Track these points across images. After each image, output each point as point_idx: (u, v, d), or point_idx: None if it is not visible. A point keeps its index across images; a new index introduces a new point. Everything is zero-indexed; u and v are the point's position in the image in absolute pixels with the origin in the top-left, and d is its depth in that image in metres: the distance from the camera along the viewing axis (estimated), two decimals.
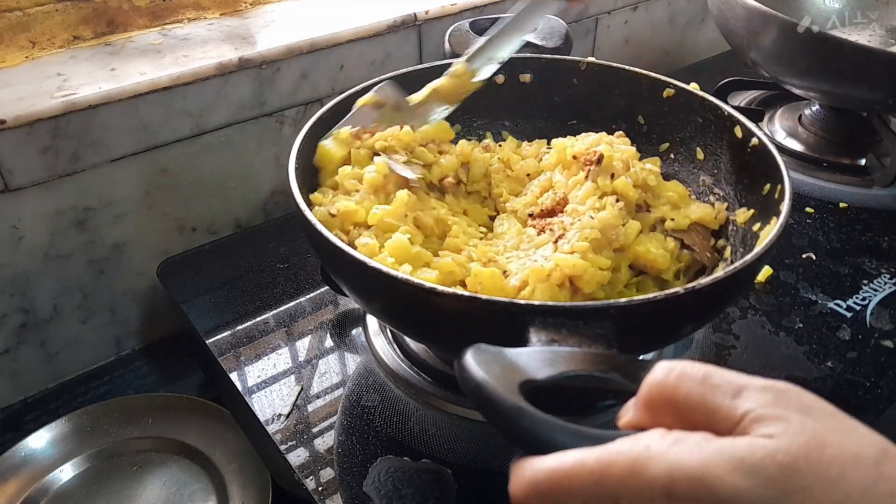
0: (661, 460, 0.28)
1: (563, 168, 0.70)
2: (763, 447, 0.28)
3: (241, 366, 0.70)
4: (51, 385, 0.84)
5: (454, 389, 0.64)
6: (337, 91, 0.90)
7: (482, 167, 0.73)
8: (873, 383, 0.66)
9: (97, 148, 0.76)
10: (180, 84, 0.79)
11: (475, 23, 0.84)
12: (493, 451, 0.60)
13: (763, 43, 0.91)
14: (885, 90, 0.85)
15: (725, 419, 0.30)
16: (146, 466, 0.74)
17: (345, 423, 0.64)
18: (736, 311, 0.74)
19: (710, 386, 0.31)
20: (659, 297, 0.45)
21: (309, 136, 0.65)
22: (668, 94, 0.75)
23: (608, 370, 0.37)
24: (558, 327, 0.42)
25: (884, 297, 0.75)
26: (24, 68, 0.79)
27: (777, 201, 0.59)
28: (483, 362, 0.34)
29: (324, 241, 0.53)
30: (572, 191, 0.67)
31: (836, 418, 0.30)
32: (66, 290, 0.80)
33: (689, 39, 1.37)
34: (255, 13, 0.95)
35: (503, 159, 0.74)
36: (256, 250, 0.84)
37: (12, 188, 0.73)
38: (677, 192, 0.68)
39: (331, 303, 0.77)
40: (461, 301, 0.46)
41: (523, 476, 0.31)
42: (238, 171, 0.88)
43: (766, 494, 0.27)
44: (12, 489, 0.71)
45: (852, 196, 0.92)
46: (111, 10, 0.85)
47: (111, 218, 0.80)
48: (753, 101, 1.13)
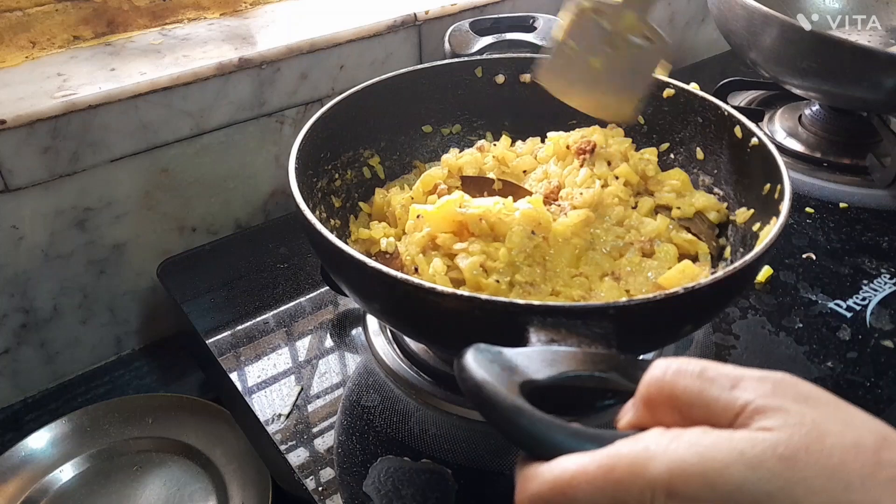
0: (661, 459, 0.28)
1: (558, 159, 0.71)
2: (763, 440, 0.28)
3: (241, 366, 0.70)
4: (51, 385, 0.84)
5: (454, 389, 0.64)
6: (337, 91, 0.90)
7: (475, 168, 0.73)
8: (873, 383, 0.66)
9: (97, 148, 0.76)
10: (180, 84, 0.79)
11: (475, 23, 0.84)
12: (493, 451, 0.60)
13: (763, 43, 0.91)
14: (885, 90, 0.85)
15: (724, 412, 0.30)
16: (146, 466, 0.74)
17: (345, 423, 0.64)
18: (736, 311, 0.74)
19: (707, 380, 0.31)
20: (659, 297, 0.45)
21: (309, 135, 0.65)
22: (667, 95, 0.75)
23: (608, 370, 0.37)
24: (557, 327, 0.42)
25: (884, 297, 0.75)
26: (24, 68, 0.79)
27: (777, 201, 0.59)
28: (483, 362, 0.34)
29: (324, 241, 0.53)
30: (567, 178, 0.68)
31: (835, 406, 0.30)
32: (66, 290, 0.80)
33: (689, 39, 1.37)
34: (255, 13, 0.95)
35: (498, 157, 0.74)
36: (256, 250, 0.84)
37: (12, 188, 0.73)
38: (680, 180, 0.69)
39: (331, 303, 0.77)
40: (460, 301, 0.46)
41: (528, 490, 0.31)
42: (238, 171, 0.88)
43: (767, 488, 0.27)
44: (12, 489, 0.71)
45: (852, 196, 0.92)
46: (111, 10, 0.85)
47: (111, 218, 0.80)
48: (753, 101, 1.13)
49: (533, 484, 0.31)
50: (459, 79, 0.80)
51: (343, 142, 0.73)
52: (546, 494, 0.30)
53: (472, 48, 0.81)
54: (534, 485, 0.31)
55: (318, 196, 0.68)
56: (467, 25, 0.83)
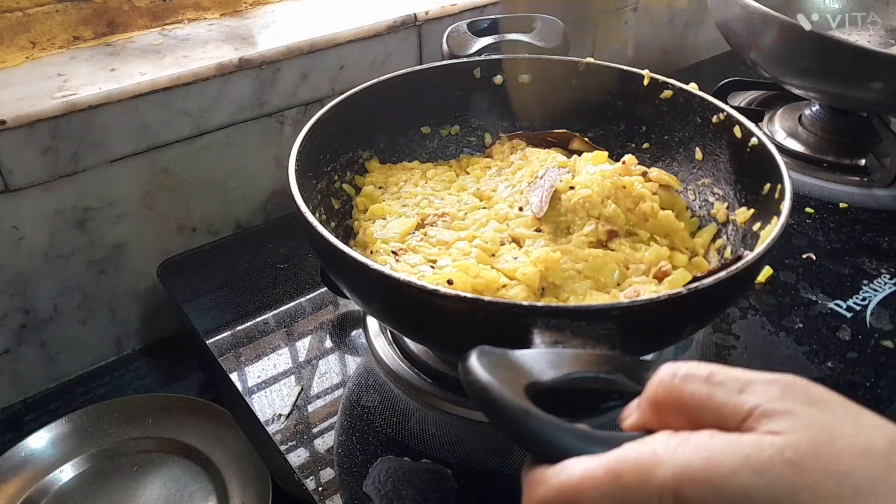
0: (668, 464, 0.28)
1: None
2: (771, 444, 0.27)
3: (241, 366, 0.70)
4: (51, 385, 0.84)
5: (454, 390, 0.64)
6: (337, 91, 0.90)
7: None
8: (873, 383, 0.66)
9: (97, 148, 0.76)
10: (180, 84, 0.79)
11: (473, 23, 0.84)
12: (494, 451, 0.60)
13: (763, 43, 0.91)
14: (885, 90, 0.86)
15: (732, 415, 0.29)
16: (146, 466, 0.74)
17: (345, 424, 0.64)
18: (736, 312, 0.74)
19: (715, 384, 0.30)
20: (662, 298, 0.45)
21: (309, 136, 0.65)
22: (667, 95, 0.75)
23: (612, 371, 0.36)
24: (561, 328, 0.42)
25: (884, 298, 0.75)
26: (24, 69, 0.79)
27: (777, 201, 0.59)
28: (488, 364, 0.33)
29: (323, 242, 0.52)
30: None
31: (846, 410, 0.29)
32: (66, 290, 0.80)
33: (689, 39, 1.37)
34: (255, 13, 0.95)
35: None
36: (256, 250, 0.84)
37: (12, 188, 0.72)
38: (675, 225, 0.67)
39: (331, 303, 0.77)
40: (464, 303, 0.46)
41: (535, 495, 0.31)
42: (238, 172, 0.88)
43: (774, 492, 0.26)
44: (12, 489, 0.71)
45: (852, 196, 0.92)
46: (111, 11, 0.85)
47: (111, 218, 0.80)
48: (753, 102, 1.13)
49: (540, 489, 0.31)
50: (458, 80, 0.80)
51: (342, 143, 0.73)
52: (553, 500, 0.30)
53: (470, 49, 0.81)
54: (541, 490, 0.31)
55: (318, 198, 0.68)
56: (465, 26, 0.83)
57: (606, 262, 0.60)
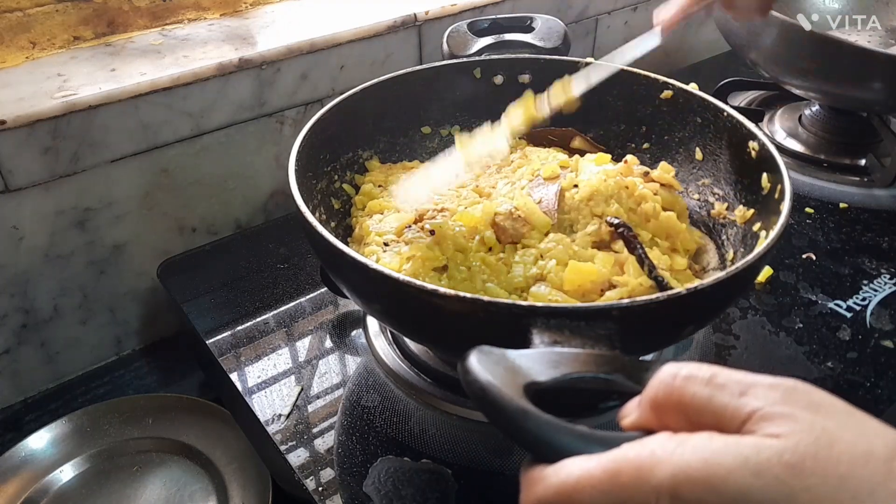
0: (666, 464, 0.28)
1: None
2: (769, 447, 0.27)
3: (241, 366, 0.70)
4: (51, 385, 0.84)
5: (454, 390, 0.64)
6: (337, 91, 0.90)
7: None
8: (873, 383, 0.66)
9: (97, 148, 0.76)
10: (180, 84, 0.79)
11: (473, 24, 0.84)
12: (493, 451, 0.60)
13: (763, 43, 0.91)
14: (885, 90, 0.86)
15: (732, 418, 0.29)
16: (146, 467, 0.74)
17: (345, 424, 0.64)
18: (736, 312, 0.74)
19: (716, 386, 0.30)
20: (661, 298, 0.45)
21: (309, 136, 0.65)
22: (667, 95, 0.75)
23: (611, 371, 0.36)
24: (561, 328, 0.42)
25: (884, 298, 0.75)
26: (24, 69, 0.79)
27: (777, 201, 0.59)
28: (487, 364, 0.33)
29: (323, 242, 0.52)
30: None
31: (848, 415, 0.29)
32: (66, 290, 0.80)
33: (689, 39, 1.37)
34: (255, 13, 0.95)
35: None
36: (256, 250, 0.84)
37: (12, 188, 0.72)
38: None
39: (331, 303, 0.77)
40: (463, 303, 0.46)
41: (533, 494, 0.31)
42: (238, 172, 0.88)
43: (771, 494, 0.26)
44: (12, 489, 0.71)
45: (852, 196, 0.92)
46: (111, 11, 0.85)
47: (111, 218, 0.80)
48: (753, 102, 1.13)
49: (538, 488, 0.31)
50: (458, 80, 0.79)
51: (342, 143, 0.73)
52: (551, 499, 0.30)
53: (470, 49, 0.81)
54: (539, 489, 0.31)
55: (318, 198, 0.68)
56: (465, 26, 0.83)
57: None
